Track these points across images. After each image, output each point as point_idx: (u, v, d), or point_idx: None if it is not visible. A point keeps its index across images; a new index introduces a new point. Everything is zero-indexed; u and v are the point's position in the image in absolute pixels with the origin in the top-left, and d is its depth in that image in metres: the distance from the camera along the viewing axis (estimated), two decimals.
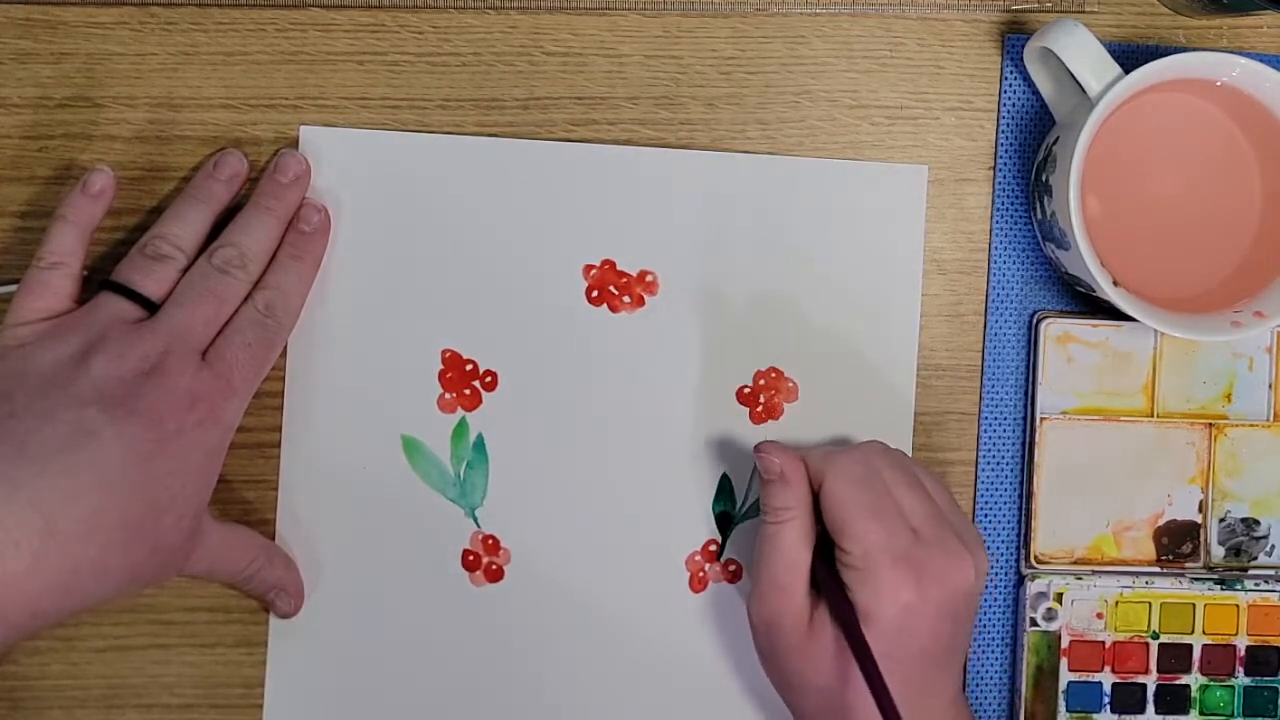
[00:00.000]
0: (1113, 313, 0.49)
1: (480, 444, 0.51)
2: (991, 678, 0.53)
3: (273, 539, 0.50)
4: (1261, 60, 0.48)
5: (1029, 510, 0.52)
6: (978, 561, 0.46)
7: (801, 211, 0.51)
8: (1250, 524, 0.53)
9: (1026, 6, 0.52)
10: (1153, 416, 0.53)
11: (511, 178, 0.51)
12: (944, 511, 0.47)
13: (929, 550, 0.45)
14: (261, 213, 0.48)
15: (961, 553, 0.45)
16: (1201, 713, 0.52)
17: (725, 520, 0.52)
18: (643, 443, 0.51)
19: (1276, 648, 0.52)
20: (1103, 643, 0.52)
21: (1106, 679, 0.52)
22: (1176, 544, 0.53)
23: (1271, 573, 0.53)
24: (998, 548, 0.53)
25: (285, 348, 0.50)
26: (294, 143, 0.50)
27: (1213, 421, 0.53)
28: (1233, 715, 0.52)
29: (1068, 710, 0.52)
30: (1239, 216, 0.51)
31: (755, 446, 0.48)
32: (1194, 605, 0.52)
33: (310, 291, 0.49)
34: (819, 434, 0.52)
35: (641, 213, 0.51)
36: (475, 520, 0.51)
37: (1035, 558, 0.52)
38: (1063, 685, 0.52)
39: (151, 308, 0.46)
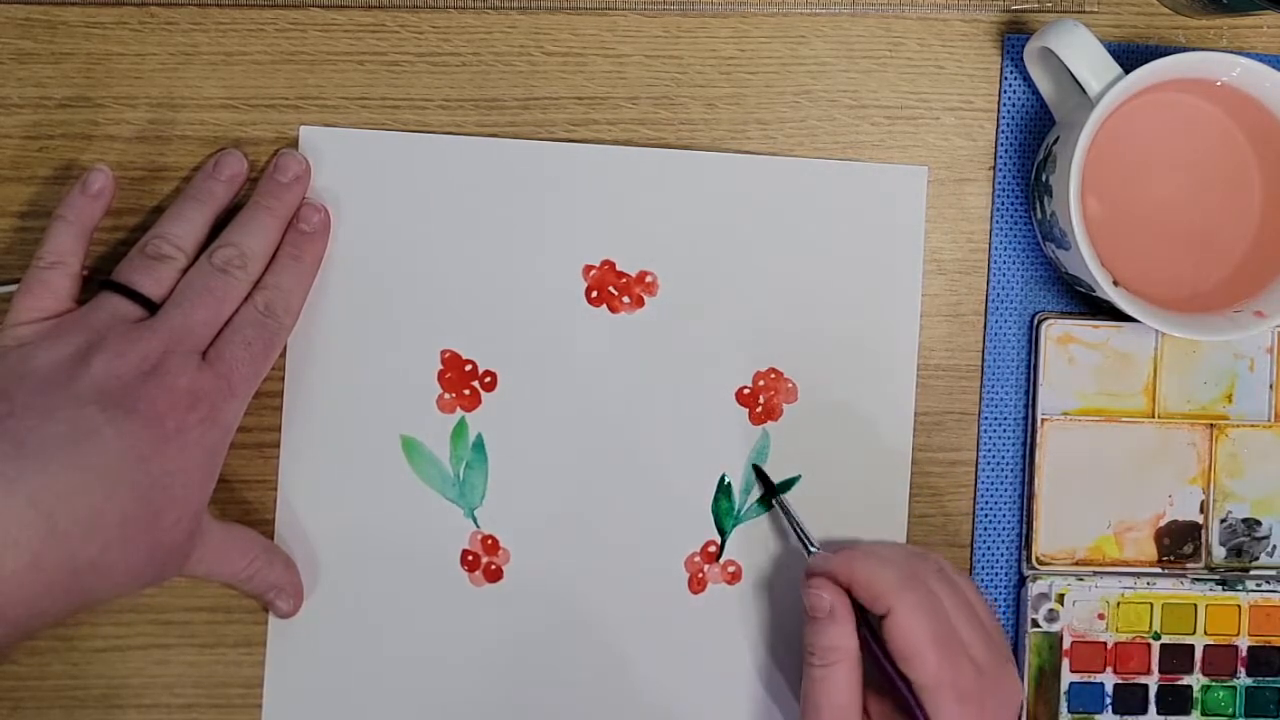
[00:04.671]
0: (1113, 313, 0.49)
1: (479, 444, 0.51)
2: None
3: (272, 539, 0.50)
4: (1261, 60, 0.48)
5: (1030, 511, 0.52)
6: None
7: (801, 211, 0.51)
8: (1251, 524, 0.53)
9: (1026, 6, 0.52)
10: (1154, 417, 0.52)
11: (511, 178, 0.51)
12: (991, 632, 0.46)
13: (990, 683, 0.45)
14: (261, 212, 0.48)
15: (1015, 678, 0.46)
16: (1203, 713, 0.52)
17: (725, 521, 0.51)
18: (642, 443, 0.51)
19: (1278, 648, 0.52)
20: (1104, 643, 0.52)
21: (1108, 680, 0.52)
22: (1178, 545, 0.53)
23: (1273, 573, 0.53)
24: (999, 549, 0.53)
25: (285, 348, 0.50)
26: (294, 143, 0.50)
27: (1214, 422, 0.53)
28: (1234, 716, 0.52)
29: (1069, 711, 0.51)
30: (1239, 216, 0.51)
31: (806, 577, 0.47)
32: (1195, 606, 0.52)
33: (310, 291, 0.49)
34: (819, 434, 0.52)
35: (641, 213, 0.51)
36: (474, 520, 0.51)
37: (1036, 559, 0.52)
38: (1064, 686, 0.52)
39: (152, 307, 0.46)
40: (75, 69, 0.50)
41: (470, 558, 0.51)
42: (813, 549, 0.49)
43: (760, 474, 0.51)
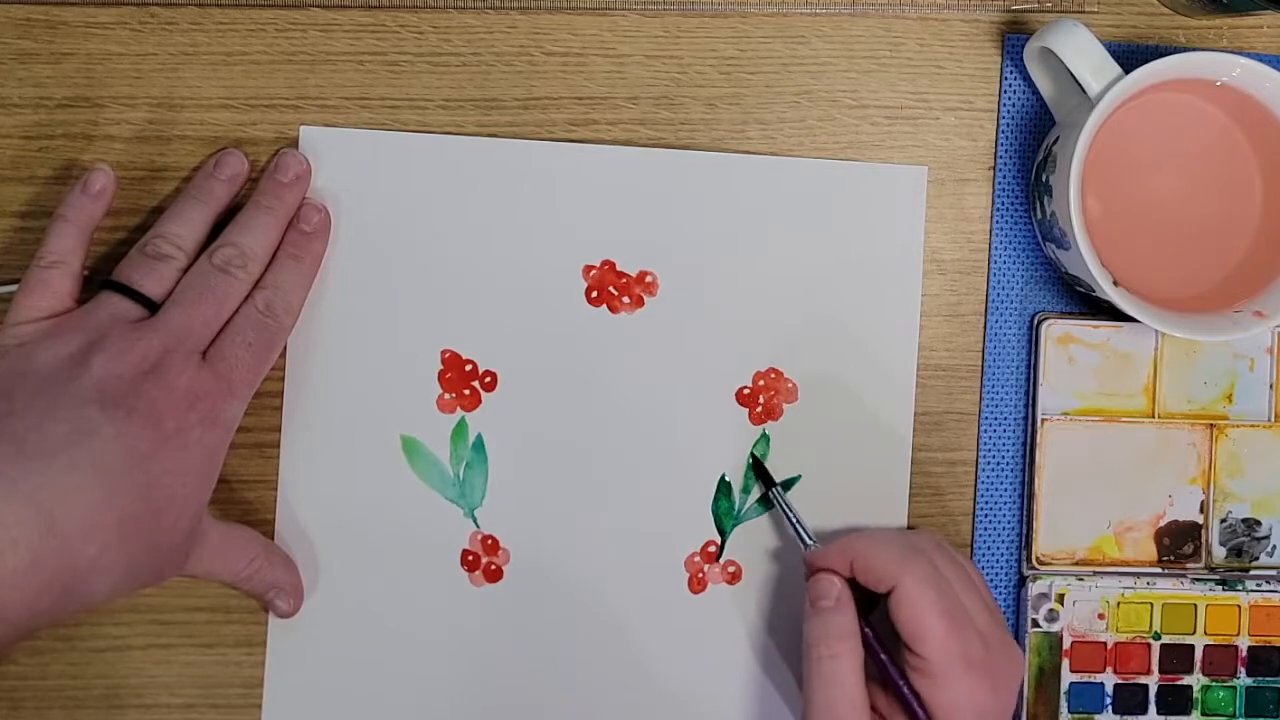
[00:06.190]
0: (1113, 313, 0.49)
1: (479, 444, 0.51)
2: None
3: (272, 539, 0.50)
4: (1261, 60, 0.48)
5: (1030, 511, 0.52)
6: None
7: (802, 211, 0.51)
8: (1251, 524, 0.53)
9: (1026, 6, 0.52)
10: (1154, 417, 0.52)
11: (511, 178, 0.51)
12: (991, 607, 0.47)
13: (997, 657, 0.45)
14: (262, 212, 0.48)
15: (1018, 652, 0.46)
16: (1203, 713, 0.52)
17: (725, 521, 0.51)
18: (642, 443, 0.51)
19: (1278, 648, 0.52)
20: (1104, 643, 0.52)
21: (1108, 680, 0.52)
22: (1178, 545, 0.53)
23: (1273, 573, 0.53)
24: (999, 549, 0.53)
25: (285, 348, 0.50)
26: (294, 143, 0.50)
27: (1214, 422, 0.53)
28: (1234, 716, 0.52)
29: (1070, 711, 0.51)
30: (1239, 216, 0.51)
31: (810, 570, 0.48)
32: (1195, 606, 0.52)
33: (310, 291, 0.49)
34: (819, 434, 0.52)
35: (641, 213, 0.51)
36: (474, 520, 0.51)
37: (1037, 559, 0.52)
38: (1064, 686, 0.51)
39: (152, 307, 0.46)
40: (75, 69, 0.50)
41: (470, 558, 0.51)
42: (809, 543, 0.49)
43: (759, 467, 0.51)
